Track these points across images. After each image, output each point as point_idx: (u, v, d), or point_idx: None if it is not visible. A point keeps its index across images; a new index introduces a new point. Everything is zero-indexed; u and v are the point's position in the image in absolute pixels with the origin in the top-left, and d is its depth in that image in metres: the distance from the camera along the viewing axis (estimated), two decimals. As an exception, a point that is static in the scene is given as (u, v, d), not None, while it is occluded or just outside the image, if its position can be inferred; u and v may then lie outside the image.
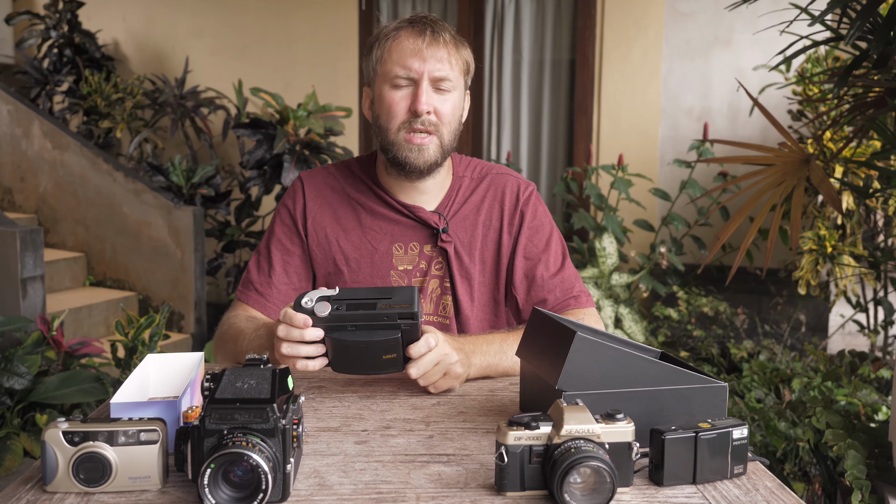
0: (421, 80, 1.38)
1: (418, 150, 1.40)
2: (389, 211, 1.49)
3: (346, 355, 1.15)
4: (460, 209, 1.51)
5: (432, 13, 1.50)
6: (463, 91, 1.47)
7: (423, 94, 1.38)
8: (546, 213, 1.56)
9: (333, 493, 0.87)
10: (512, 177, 1.56)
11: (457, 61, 1.41)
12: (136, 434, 0.86)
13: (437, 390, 1.22)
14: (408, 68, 1.38)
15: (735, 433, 0.92)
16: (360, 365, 1.17)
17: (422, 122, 1.39)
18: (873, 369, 2.98)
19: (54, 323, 2.78)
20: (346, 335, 1.13)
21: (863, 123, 2.25)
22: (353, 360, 1.16)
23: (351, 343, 1.13)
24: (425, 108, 1.38)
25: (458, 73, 1.42)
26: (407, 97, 1.39)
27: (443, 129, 1.41)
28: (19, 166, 4.50)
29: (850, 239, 3.36)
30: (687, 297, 3.66)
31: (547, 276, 1.49)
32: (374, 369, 1.17)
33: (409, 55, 1.38)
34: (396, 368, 1.17)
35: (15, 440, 2.49)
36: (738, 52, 4.15)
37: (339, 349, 1.15)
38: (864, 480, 2.00)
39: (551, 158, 4.65)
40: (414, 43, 1.38)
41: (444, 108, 1.41)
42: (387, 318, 1.12)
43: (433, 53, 1.38)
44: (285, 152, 3.93)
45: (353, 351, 1.14)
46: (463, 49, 1.44)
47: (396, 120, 1.40)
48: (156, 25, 5.10)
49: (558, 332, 1.03)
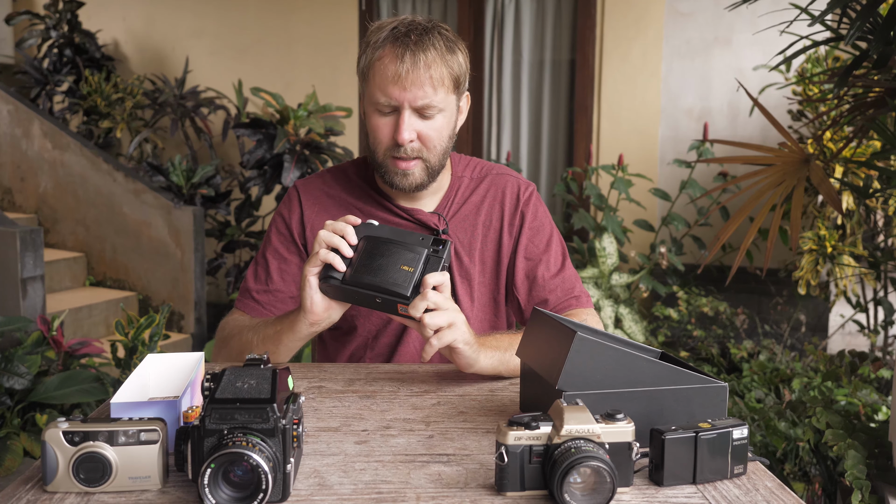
0: (402, 109, 1.34)
1: (403, 174, 1.39)
2: (388, 214, 1.49)
3: (371, 256, 1.19)
4: (460, 209, 1.51)
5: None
6: (454, 106, 1.41)
7: (404, 124, 1.34)
8: (546, 214, 1.56)
9: (333, 493, 0.87)
10: (512, 177, 1.56)
11: (441, 80, 1.34)
12: (136, 434, 0.86)
13: (439, 341, 1.17)
14: (389, 96, 1.34)
15: (735, 433, 0.92)
16: (376, 271, 1.18)
17: (405, 150, 1.37)
18: (873, 369, 2.98)
19: (54, 323, 2.78)
20: (381, 236, 1.22)
21: (863, 123, 2.25)
22: (373, 266, 1.18)
23: (382, 244, 1.20)
24: (407, 137, 1.35)
25: (445, 92, 1.36)
26: (390, 124, 1.37)
27: (428, 153, 1.39)
28: (19, 166, 4.50)
29: (850, 239, 3.36)
30: (687, 297, 3.66)
31: (548, 277, 1.49)
32: (386, 281, 1.17)
33: (390, 83, 1.32)
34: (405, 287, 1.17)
35: (15, 440, 2.49)
36: (738, 52, 4.15)
37: (367, 250, 1.20)
38: (864, 480, 2.00)
39: (551, 158, 4.65)
40: (395, 69, 1.32)
41: (429, 132, 1.37)
42: (422, 239, 1.21)
43: (414, 80, 1.32)
44: (285, 152, 3.93)
45: (379, 251, 1.19)
46: (452, 59, 1.36)
47: (381, 146, 1.39)
48: (156, 25, 5.10)
49: (558, 332, 1.03)
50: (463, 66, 1.39)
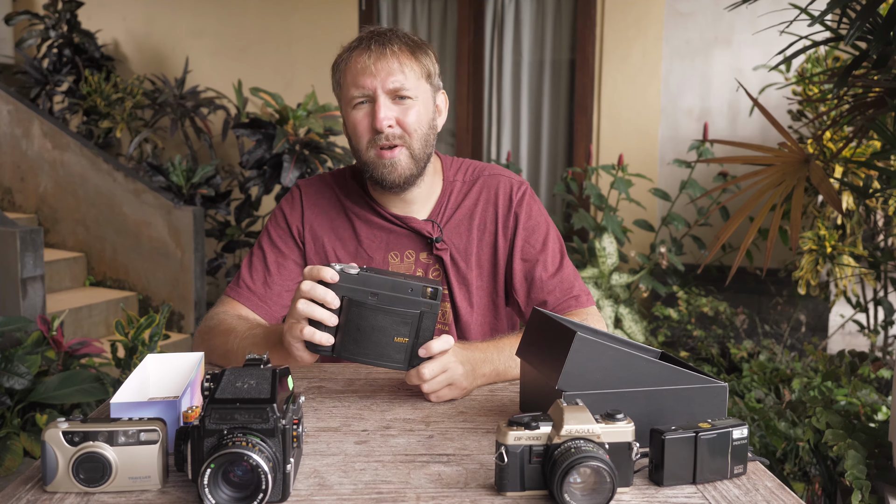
0: (377, 96, 1.38)
1: (391, 164, 1.40)
2: (382, 221, 1.49)
3: (359, 328, 1.12)
4: (454, 215, 1.50)
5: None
6: (430, 96, 1.44)
7: (380, 109, 1.37)
8: (542, 212, 1.54)
9: (333, 493, 0.87)
10: (504, 176, 1.54)
11: (412, 68, 1.39)
12: (136, 434, 0.86)
13: (438, 399, 1.20)
14: (361, 87, 1.38)
15: (735, 433, 0.92)
16: (367, 345, 1.12)
17: (386, 137, 1.38)
18: (873, 369, 2.98)
19: (54, 323, 2.78)
20: (367, 303, 1.11)
21: (863, 123, 2.25)
22: (363, 338, 1.12)
23: (369, 311, 1.11)
24: (385, 122, 1.37)
25: (416, 78, 1.40)
26: (367, 115, 1.39)
27: (410, 139, 1.40)
28: (19, 166, 4.50)
29: (850, 239, 3.36)
30: (687, 297, 3.66)
31: (546, 277, 1.47)
32: (380, 357, 1.13)
33: (361, 74, 1.37)
34: (401, 362, 1.14)
35: (15, 440, 2.49)
36: (738, 52, 4.15)
37: (353, 319, 1.11)
38: (864, 480, 2.00)
39: (551, 158, 4.65)
40: (363, 61, 1.37)
41: (408, 119, 1.39)
42: (412, 291, 1.12)
43: (382, 67, 1.37)
44: (285, 152, 3.93)
45: (367, 322, 1.11)
46: (420, 53, 1.41)
47: (363, 139, 1.40)
48: (156, 25, 5.10)
49: (558, 332, 1.03)
50: (431, 59, 1.44)
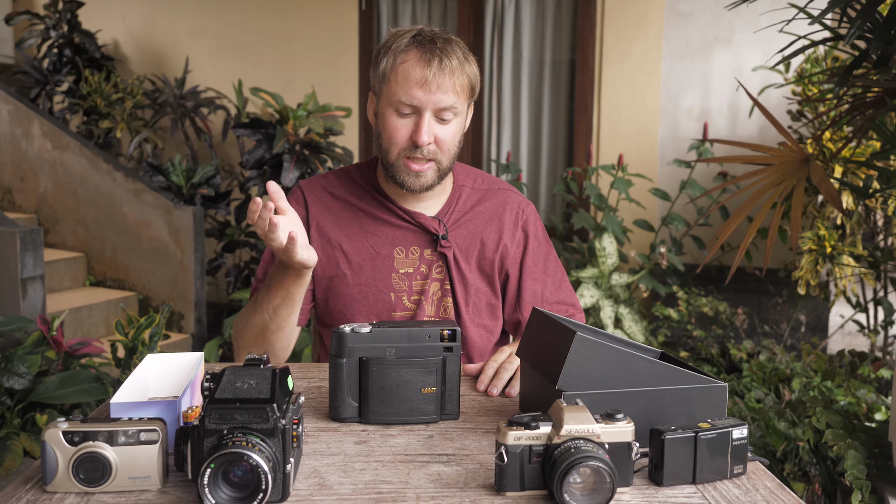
0: (424, 111, 1.38)
1: (416, 175, 1.42)
2: (391, 216, 1.52)
3: (383, 388, 1.08)
4: (460, 218, 1.55)
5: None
6: (465, 112, 1.46)
7: (424, 126, 1.38)
8: (544, 232, 1.62)
9: (333, 493, 0.87)
10: (512, 193, 1.60)
11: (462, 87, 1.40)
12: (136, 434, 0.86)
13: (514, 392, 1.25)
14: (412, 97, 1.37)
15: (735, 433, 0.92)
16: (395, 403, 1.09)
17: (421, 152, 1.40)
18: (873, 369, 2.98)
19: (54, 323, 2.78)
20: (386, 359, 1.08)
21: (862, 123, 2.25)
22: (389, 398, 1.08)
23: (390, 368, 1.08)
24: (426, 140, 1.38)
25: (464, 98, 1.41)
26: (409, 126, 1.40)
27: (442, 156, 1.43)
28: (19, 166, 4.50)
29: (849, 239, 3.36)
30: (687, 297, 3.66)
31: (547, 295, 1.57)
32: (411, 412, 1.09)
33: (415, 85, 1.36)
34: (433, 413, 1.10)
35: (15, 440, 2.49)
36: (737, 52, 4.15)
37: (375, 380, 1.08)
38: (864, 480, 2.00)
39: (551, 158, 4.65)
40: (421, 72, 1.36)
41: (445, 136, 1.41)
42: (430, 338, 1.09)
43: (440, 85, 1.36)
44: (285, 152, 3.93)
45: (390, 380, 1.08)
46: (469, 68, 1.42)
47: (397, 146, 1.41)
48: (156, 25, 5.10)
49: (558, 332, 1.03)
50: (477, 76, 1.45)
